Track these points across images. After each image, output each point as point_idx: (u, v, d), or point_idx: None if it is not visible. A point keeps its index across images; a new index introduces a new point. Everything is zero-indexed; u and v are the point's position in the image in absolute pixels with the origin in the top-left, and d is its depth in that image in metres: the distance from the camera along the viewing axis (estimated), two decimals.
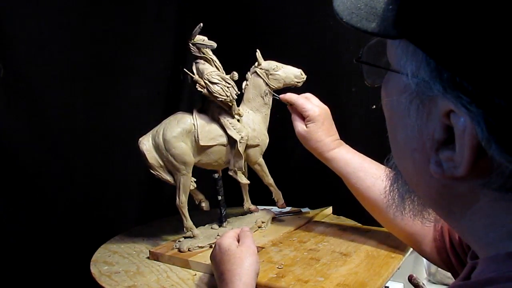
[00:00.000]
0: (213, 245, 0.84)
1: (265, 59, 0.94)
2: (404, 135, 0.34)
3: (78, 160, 1.09)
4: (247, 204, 1.01)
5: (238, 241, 0.70)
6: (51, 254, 1.05)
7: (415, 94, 0.31)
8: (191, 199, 0.91)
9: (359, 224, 0.93)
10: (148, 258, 0.85)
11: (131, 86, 1.19)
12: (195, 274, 0.77)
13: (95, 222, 1.11)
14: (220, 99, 0.84)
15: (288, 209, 1.06)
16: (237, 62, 0.91)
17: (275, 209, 1.03)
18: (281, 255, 0.80)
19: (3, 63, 0.94)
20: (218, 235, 0.87)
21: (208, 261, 0.75)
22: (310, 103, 0.85)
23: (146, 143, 0.85)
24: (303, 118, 0.84)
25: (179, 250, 0.84)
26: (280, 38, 1.23)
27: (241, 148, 0.89)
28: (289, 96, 0.87)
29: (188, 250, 0.83)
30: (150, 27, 1.23)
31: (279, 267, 0.74)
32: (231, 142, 0.89)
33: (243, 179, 0.94)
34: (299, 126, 0.84)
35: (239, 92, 0.89)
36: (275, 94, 0.92)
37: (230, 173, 0.93)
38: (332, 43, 1.16)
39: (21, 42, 0.97)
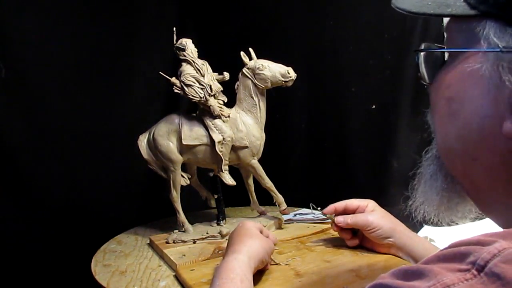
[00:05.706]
0: (197, 241, 0.87)
1: (265, 59, 0.90)
2: (473, 107, 0.37)
3: (78, 160, 1.10)
4: (254, 205, 0.98)
5: None
6: (51, 254, 1.05)
7: (492, 62, 0.35)
8: (196, 197, 0.92)
9: (360, 253, 0.79)
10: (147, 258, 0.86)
11: (131, 86, 1.20)
12: (160, 265, 0.80)
13: (95, 222, 1.11)
14: (194, 100, 0.87)
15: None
16: (238, 62, 0.91)
17: (317, 214, 0.92)
18: None
19: (3, 63, 0.94)
20: (207, 233, 0.89)
21: (173, 256, 0.78)
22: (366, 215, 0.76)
23: (143, 140, 0.91)
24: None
25: (167, 242, 0.87)
26: (280, 38, 1.23)
27: (224, 149, 0.88)
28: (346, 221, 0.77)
29: (173, 242, 0.86)
30: (150, 27, 1.23)
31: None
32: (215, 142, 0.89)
33: (228, 180, 0.91)
34: None
35: (212, 93, 0.88)
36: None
37: (215, 173, 0.93)
38: (332, 43, 1.16)
39: (21, 42, 0.98)
